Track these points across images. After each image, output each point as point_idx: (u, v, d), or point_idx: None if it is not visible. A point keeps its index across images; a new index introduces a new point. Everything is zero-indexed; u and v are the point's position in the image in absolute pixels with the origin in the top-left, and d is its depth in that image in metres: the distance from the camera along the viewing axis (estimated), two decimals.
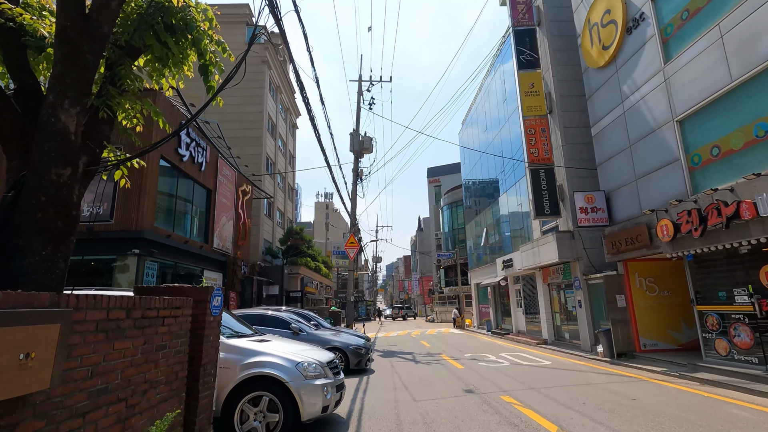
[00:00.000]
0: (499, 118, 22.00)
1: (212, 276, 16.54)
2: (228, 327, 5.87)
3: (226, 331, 5.54)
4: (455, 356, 13.38)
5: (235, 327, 6.12)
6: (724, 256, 8.42)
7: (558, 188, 14.77)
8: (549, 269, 16.06)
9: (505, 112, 20.96)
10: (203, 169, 15.73)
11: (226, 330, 5.69)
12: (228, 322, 6.01)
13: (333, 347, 10.31)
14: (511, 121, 20.14)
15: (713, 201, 7.98)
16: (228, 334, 5.53)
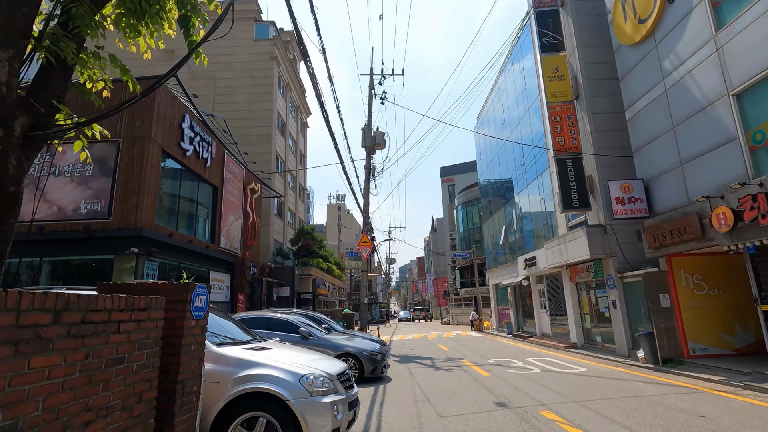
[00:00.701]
0: (518, 109, 20.88)
1: (219, 277, 15.79)
2: (220, 333, 4.99)
3: (216, 338, 4.66)
4: (478, 362, 12.34)
5: (230, 332, 5.24)
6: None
7: (587, 179, 13.63)
8: (577, 267, 14.89)
9: (525, 103, 19.84)
10: (208, 165, 15.01)
11: (219, 337, 4.81)
12: (220, 327, 5.13)
13: (345, 353, 9.39)
14: (531, 112, 19.02)
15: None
16: (219, 341, 4.64)
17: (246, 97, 25.52)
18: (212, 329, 4.92)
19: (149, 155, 11.46)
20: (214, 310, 5.42)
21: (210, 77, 25.85)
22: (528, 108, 19.37)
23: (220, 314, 5.53)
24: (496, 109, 25.05)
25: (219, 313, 5.53)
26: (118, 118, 11.59)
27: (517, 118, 21.03)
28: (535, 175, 18.83)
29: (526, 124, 19.75)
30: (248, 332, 5.72)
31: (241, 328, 5.62)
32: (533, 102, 18.57)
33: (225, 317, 5.67)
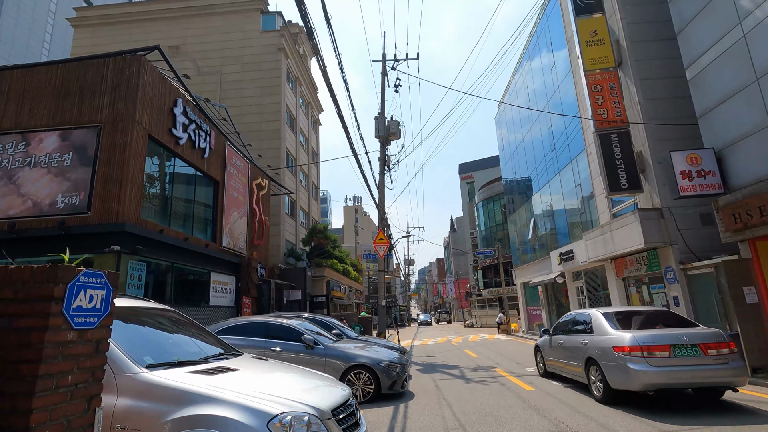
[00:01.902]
0: (546, 89, 18.98)
1: (222, 279, 14.42)
2: (163, 348, 3.44)
3: (149, 357, 3.10)
4: (515, 371, 10.54)
5: (182, 347, 3.68)
6: None
7: (636, 156, 11.70)
8: (625, 260, 12.92)
9: (554, 80, 17.95)
10: (207, 156, 13.68)
11: (158, 354, 3.26)
12: (164, 339, 3.59)
13: (358, 365, 7.78)
14: (562, 90, 17.13)
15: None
16: (152, 361, 3.07)
17: (254, 91, 24.34)
18: (146, 343, 3.38)
19: (133, 142, 10.14)
20: (158, 314, 3.88)
21: (217, 72, 24.79)
22: (558, 85, 17.48)
23: (170, 318, 3.99)
24: (520, 92, 23.15)
25: (169, 317, 3.99)
26: (99, 100, 10.32)
27: (545, 98, 19.12)
28: (568, 159, 16.89)
29: (556, 104, 17.83)
30: (219, 344, 4.16)
31: (204, 339, 4.06)
32: (564, 78, 16.67)
33: (183, 323, 4.12)
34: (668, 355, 5.83)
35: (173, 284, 11.86)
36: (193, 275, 12.99)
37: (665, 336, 6.01)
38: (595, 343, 6.74)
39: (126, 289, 9.49)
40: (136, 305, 3.73)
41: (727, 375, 5.77)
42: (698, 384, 5.87)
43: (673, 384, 5.77)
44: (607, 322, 6.80)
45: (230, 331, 8.33)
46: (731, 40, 8.64)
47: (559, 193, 18.17)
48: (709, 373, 5.74)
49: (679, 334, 6.03)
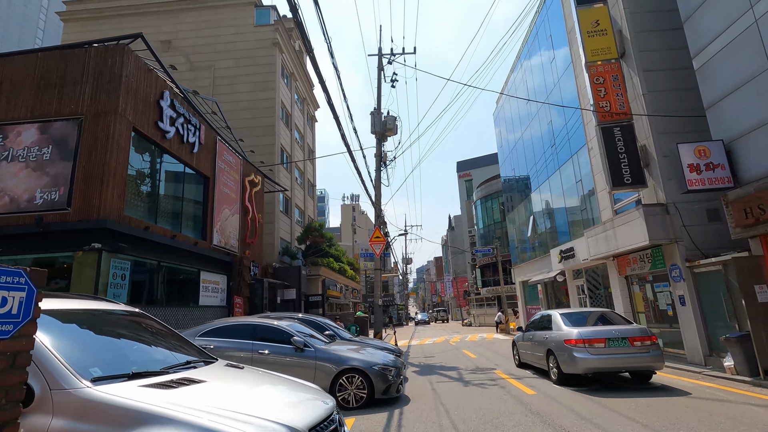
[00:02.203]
0: (546, 83, 18.58)
1: (213, 278, 13.98)
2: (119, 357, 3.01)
3: (97, 370, 2.66)
4: (514, 373, 10.15)
5: (144, 354, 3.25)
6: None
7: (640, 149, 11.31)
8: (628, 257, 12.54)
9: (554, 74, 17.55)
10: (196, 150, 13.22)
11: (109, 363, 2.83)
12: (119, 348, 3.16)
13: (350, 369, 7.36)
14: (563, 84, 16.73)
15: None
16: (101, 374, 2.63)
17: (248, 87, 23.86)
18: (98, 351, 2.95)
19: (116, 135, 9.68)
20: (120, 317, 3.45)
21: (210, 67, 24.29)
22: (558, 80, 17.08)
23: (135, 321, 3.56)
24: (519, 88, 22.75)
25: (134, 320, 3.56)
26: (80, 91, 9.86)
27: (544, 94, 18.72)
28: (568, 155, 16.50)
29: (556, 100, 17.43)
30: (190, 350, 3.74)
31: (172, 345, 3.63)
32: (564, 72, 16.28)
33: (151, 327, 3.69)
34: (604, 345, 7.54)
35: (160, 284, 11.42)
36: (182, 274, 12.55)
37: (602, 331, 7.77)
38: (553, 338, 8.41)
39: (108, 289, 9.05)
40: (91, 307, 3.30)
41: (648, 361, 7.54)
42: (626, 368, 7.61)
43: (607, 368, 7.52)
44: (562, 321, 8.50)
45: (215, 333, 7.91)
46: (742, 26, 8.25)
47: (559, 190, 17.79)
48: (634, 360, 7.48)
49: (613, 329, 7.78)
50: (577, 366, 7.53)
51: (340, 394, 7.23)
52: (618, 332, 7.67)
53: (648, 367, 7.61)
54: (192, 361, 3.44)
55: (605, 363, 7.42)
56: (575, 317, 8.59)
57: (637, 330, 7.80)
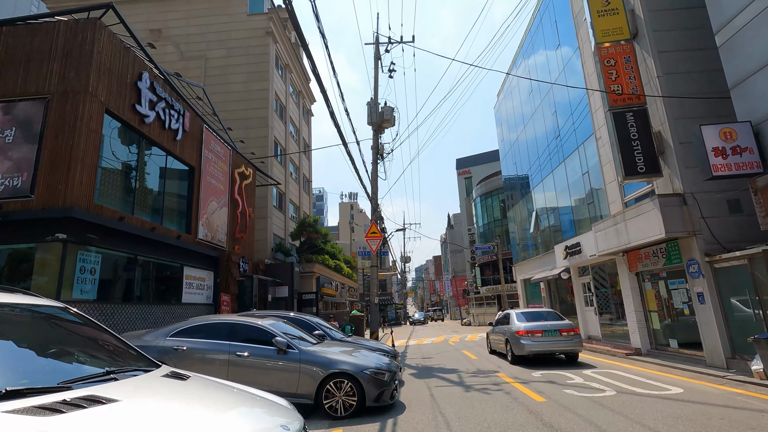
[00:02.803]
0: (551, 71, 17.79)
1: (197, 274, 13.16)
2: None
3: None
4: (519, 376, 9.36)
5: (41, 363, 2.44)
6: None
7: (655, 136, 10.53)
8: (639, 253, 11.76)
9: (559, 62, 16.75)
10: (179, 138, 12.40)
11: None
12: (3, 355, 2.35)
13: (339, 373, 6.57)
14: (569, 72, 15.94)
15: None
16: None
17: (241, 77, 23.02)
18: None
19: (86, 116, 8.85)
20: (23, 314, 2.64)
21: (201, 57, 23.44)
22: (563, 68, 16.29)
23: (45, 319, 2.75)
24: (522, 80, 21.94)
25: (45, 317, 2.75)
26: (48, 69, 9.03)
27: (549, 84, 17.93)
28: (574, 146, 15.71)
29: (561, 89, 16.65)
30: (122, 356, 2.92)
31: (93, 349, 2.81)
32: (570, 59, 15.48)
33: (69, 325, 2.88)
34: (541, 335, 10.52)
35: (138, 279, 10.60)
36: (163, 270, 11.73)
37: (541, 325, 10.75)
38: (510, 330, 11.25)
39: (74, 284, 8.24)
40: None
41: (571, 346, 10.56)
42: (556, 351, 10.61)
43: (543, 351, 10.46)
44: (516, 318, 11.42)
45: (189, 333, 7.10)
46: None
47: (564, 184, 17.00)
48: (561, 345, 10.51)
49: (548, 324, 10.76)
50: (523, 350, 10.55)
51: (327, 402, 6.43)
52: (551, 326, 10.74)
53: (572, 350, 10.70)
54: (116, 370, 2.63)
55: (542, 347, 10.48)
56: (526, 315, 11.48)
57: (565, 324, 10.91)
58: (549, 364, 10.89)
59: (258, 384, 6.73)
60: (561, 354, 11.07)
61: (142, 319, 10.21)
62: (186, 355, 6.83)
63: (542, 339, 10.49)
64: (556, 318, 11.41)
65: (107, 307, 9.06)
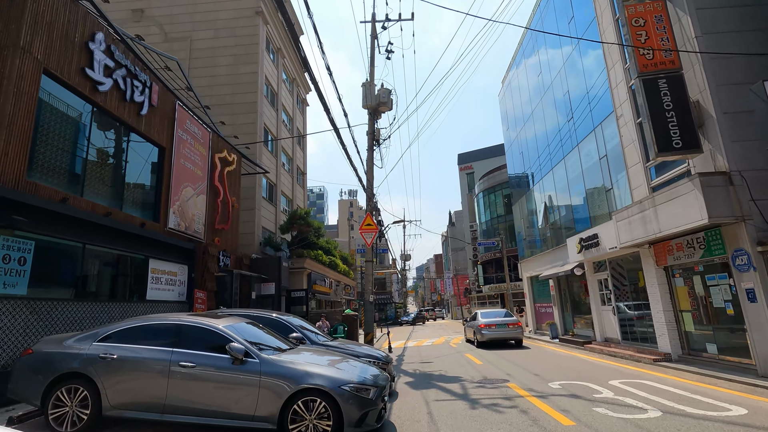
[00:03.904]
0: (563, 45, 16.25)
1: (167, 268, 11.69)
2: None
3: None
4: (535, 388, 7.86)
5: None
6: None
7: (693, 106, 9.01)
8: (670, 243, 10.24)
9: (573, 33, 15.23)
10: (145, 113, 10.91)
11: None
12: None
13: (309, 389, 5.09)
14: (584, 47, 14.41)
15: None
16: None
17: (228, 60, 21.52)
18: None
19: (14, 76, 7.37)
20: None
21: (186, 38, 21.94)
22: (578, 41, 14.75)
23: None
24: (529, 59, 20.41)
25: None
26: None
27: (560, 61, 16.40)
28: (590, 128, 14.19)
29: (576, 63, 15.13)
30: None
31: None
32: (587, 29, 13.94)
33: None
34: (495, 327, 15.45)
35: (88, 273, 9.13)
36: (122, 262, 10.24)
37: (495, 321, 15.69)
38: (476, 324, 16.10)
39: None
40: None
41: (515, 334, 15.65)
42: (506, 338, 15.62)
43: (496, 338, 15.47)
44: (480, 316, 16.53)
45: (123, 337, 5.61)
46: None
47: (577, 171, 15.48)
48: (509, 334, 15.57)
49: (500, 320, 15.71)
50: (484, 337, 15.50)
51: (294, 427, 4.96)
52: (502, 321, 15.76)
53: (515, 337, 15.85)
54: None
55: (495, 335, 15.52)
56: (486, 314, 16.77)
57: (512, 320, 15.93)
58: (503, 347, 15.60)
59: (204, 404, 5.26)
60: (511, 341, 16.13)
61: (93, 318, 8.74)
62: (114, 366, 5.35)
63: (496, 330, 15.67)
64: (506, 316, 16.48)
65: (43, 305, 7.58)
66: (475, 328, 16.19)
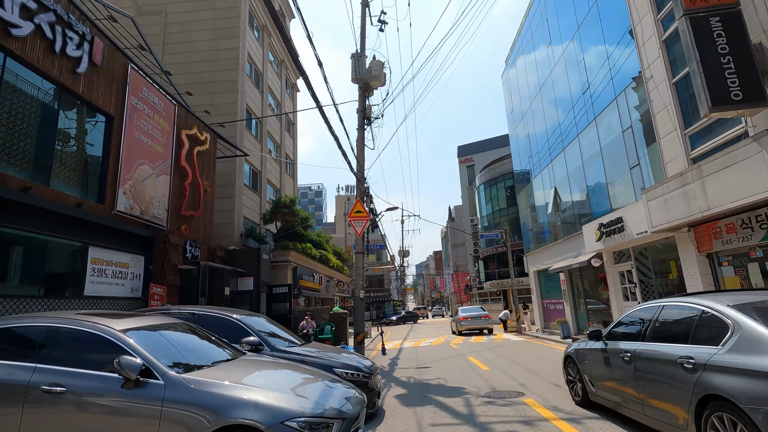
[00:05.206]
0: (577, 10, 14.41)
1: (115, 258, 9.87)
2: None
3: None
4: (561, 406, 6.05)
5: None
6: None
7: (755, 49, 7.20)
8: (717, 225, 8.45)
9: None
10: (83, 71, 9.08)
11: None
12: None
13: (235, 427, 3.30)
14: (601, 3, 12.59)
15: None
16: None
17: (206, 34, 19.67)
18: None
19: None
20: None
21: (161, 12, 20.07)
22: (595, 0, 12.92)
23: None
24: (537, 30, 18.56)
25: None
26: None
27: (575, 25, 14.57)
28: (611, 97, 12.39)
29: (593, 25, 13.31)
30: None
31: None
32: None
33: None
34: (471, 319, 21.56)
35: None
36: (49, 249, 8.43)
37: (471, 314, 21.86)
38: (457, 318, 22.53)
39: None
40: None
41: (487, 325, 21.73)
42: (479, 327, 21.69)
43: (472, 328, 21.57)
44: (461, 311, 23.01)
45: None
46: None
47: (594, 148, 13.67)
48: (482, 325, 21.61)
49: (475, 314, 21.84)
50: (462, 327, 21.28)
51: None
52: (477, 314, 21.56)
53: (486, 326, 21.61)
54: None
55: (470, 326, 21.29)
56: (466, 310, 23.07)
57: (484, 314, 21.72)
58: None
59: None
60: (484, 329, 21.82)
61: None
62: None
63: (471, 322, 21.27)
64: (480, 311, 22.13)
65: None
66: (456, 321, 22.08)
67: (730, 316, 3.62)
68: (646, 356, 4.36)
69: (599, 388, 5.40)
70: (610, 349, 5.18)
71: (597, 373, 5.47)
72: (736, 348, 3.40)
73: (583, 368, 5.85)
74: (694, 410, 3.57)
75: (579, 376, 6.00)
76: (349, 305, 28.95)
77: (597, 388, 5.46)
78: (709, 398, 3.46)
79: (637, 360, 4.49)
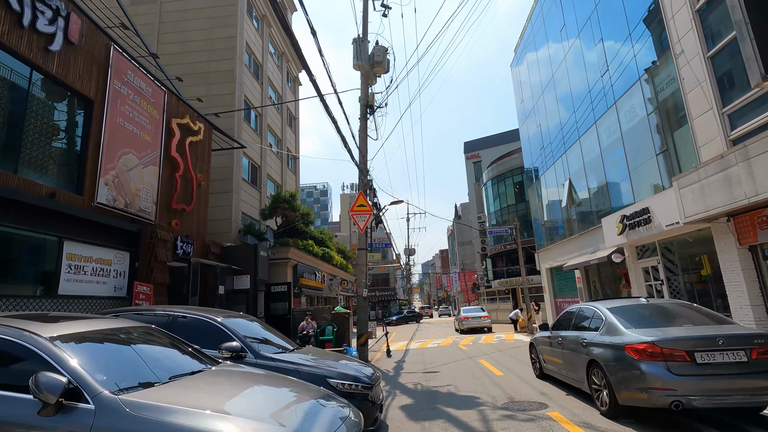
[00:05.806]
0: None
1: (94, 254, 9.10)
2: None
3: None
4: (594, 422, 5.14)
5: None
6: None
7: None
8: (761, 213, 7.49)
9: None
10: (58, 48, 8.30)
11: None
12: None
13: None
14: None
15: None
16: None
17: (202, 23, 18.93)
18: None
19: None
20: None
21: (155, 0, 19.35)
22: None
23: None
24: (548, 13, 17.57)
25: None
26: None
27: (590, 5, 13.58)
28: (634, 78, 11.41)
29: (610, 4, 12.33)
30: None
31: None
32: None
33: None
34: (471, 319, 23.39)
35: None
36: (18, 244, 7.66)
37: (472, 314, 23.73)
38: (459, 317, 24.61)
39: None
40: None
41: (486, 324, 23.44)
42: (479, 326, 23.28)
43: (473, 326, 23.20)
44: (462, 312, 24.90)
45: None
46: None
47: (615, 135, 12.70)
48: (481, 324, 23.23)
49: (475, 314, 23.70)
50: (463, 326, 23.28)
51: None
52: (477, 314, 23.66)
53: (485, 325, 23.37)
54: None
55: (471, 325, 23.14)
56: (467, 310, 24.99)
57: (484, 314, 23.88)
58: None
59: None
60: (484, 328, 23.45)
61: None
62: None
63: (472, 321, 23.19)
64: (480, 311, 24.19)
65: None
66: (459, 320, 24.15)
67: (604, 313, 5.82)
68: (568, 339, 6.52)
69: (547, 362, 7.55)
70: (552, 336, 7.29)
71: (545, 353, 7.61)
72: (604, 332, 5.58)
73: (539, 350, 8.00)
74: (585, 370, 5.79)
75: (537, 356, 8.16)
76: (353, 304, 28.12)
77: (546, 363, 7.60)
78: (591, 362, 5.63)
79: (564, 342, 6.67)
